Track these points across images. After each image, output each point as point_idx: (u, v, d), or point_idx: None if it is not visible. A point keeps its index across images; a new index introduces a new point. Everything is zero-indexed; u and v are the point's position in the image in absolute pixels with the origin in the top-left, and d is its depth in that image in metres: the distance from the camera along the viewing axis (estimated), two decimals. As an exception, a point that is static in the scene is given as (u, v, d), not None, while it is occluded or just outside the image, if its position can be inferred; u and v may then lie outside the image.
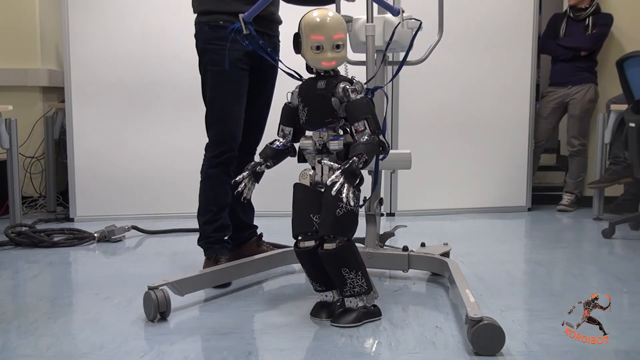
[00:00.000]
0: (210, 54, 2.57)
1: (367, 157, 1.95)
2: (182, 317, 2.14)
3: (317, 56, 2.06)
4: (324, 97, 2.07)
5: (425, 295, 2.43)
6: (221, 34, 2.52)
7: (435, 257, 2.51)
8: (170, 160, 3.97)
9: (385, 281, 2.58)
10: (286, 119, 2.22)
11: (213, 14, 2.56)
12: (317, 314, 2.12)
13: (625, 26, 4.39)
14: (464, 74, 4.10)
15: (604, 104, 4.24)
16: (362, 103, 2.04)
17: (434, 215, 4.08)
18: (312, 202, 2.09)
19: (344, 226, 2.02)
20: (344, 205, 1.97)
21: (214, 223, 2.61)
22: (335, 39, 2.05)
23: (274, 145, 2.23)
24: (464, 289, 2.05)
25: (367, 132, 2.01)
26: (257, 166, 2.20)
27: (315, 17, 2.07)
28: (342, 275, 2.02)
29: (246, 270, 2.52)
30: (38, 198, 4.35)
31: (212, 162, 2.60)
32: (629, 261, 3.01)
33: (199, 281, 2.31)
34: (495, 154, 4.24)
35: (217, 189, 2.61)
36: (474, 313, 1.81)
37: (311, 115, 2.11)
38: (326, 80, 2.09)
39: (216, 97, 2.60)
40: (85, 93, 3.90)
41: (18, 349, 1.86)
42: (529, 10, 4.17)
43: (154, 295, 2.08)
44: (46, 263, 2.92)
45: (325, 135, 2.11)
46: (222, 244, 2.64)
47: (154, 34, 3.90)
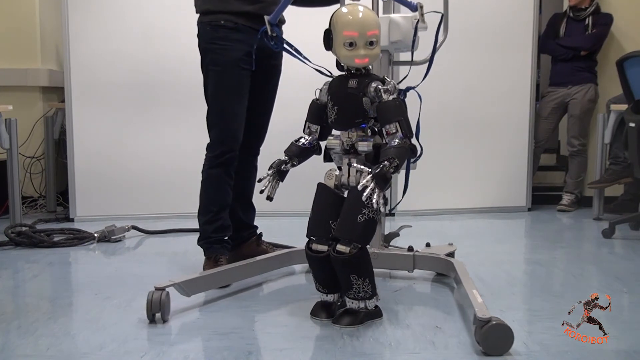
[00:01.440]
0: (212, 54, 2.56)
1: (399, 161, 1.90)
2: (182, 317, 2.13)
3: (350, 53, 2.01)
4: (355, 97, 2.02)
5: (426, 295, 2.43)
6: (222, 34, 2.52)
7: (440, 258, 2.50)
8: (170, 160, 3.97)
9: (386, 281, 2.58)
10: (313, 117, 2.16)
11: (214, 13, 2.55)
12: (317, 313, 2.11)
13: (625, 26, 4.39)
14: (464, 74, 4.10)
15: (604, 104, 4.24)
16: (394, 104, 1.98)
17: (434, 215, 4.08)
18: (333, 208, 2.04)
19: (363, 233, 1.99)
20: (367, 212, 1.94)
21: (214, 223, 2.61)
22: (369, 35, 2.00)
23: (300, 142, 2.18)
24: (471, 289, 2.05)
25: (398, 135, 1.96)
26: (282, 164, 2.15)
27: (348, 12, 2.01)
28: (350, 279, 2.00)
29: (253, 270, 2.52)
30: (38, 198, 4.35)
31: (213, 162, 2.60)
32: (629, 261, 3.01)
33: (205, 282, 2.31)
34: (495, 154, 4.24)
35: (218, 189, 2.60)
36: (482, 313, 1.80)
37: (341, 114, 2.06)
38: (358, 79, 2.03)
39: (217, 96, 2.59)
40: (85, 93, 3.90)
41: (18, 349, 1.86)
42: (529, 10, 4.17)
43: (149, 296, 2.06)
44: (46, 263, 2.92)
45: (354, 136, 2.06)
46: (222, 244, 2.64)
47: (154, 34, 3.90)
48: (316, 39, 2.12)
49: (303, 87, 2.34)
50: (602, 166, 4.02)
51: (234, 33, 2.52)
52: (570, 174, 4.44)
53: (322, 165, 2.21)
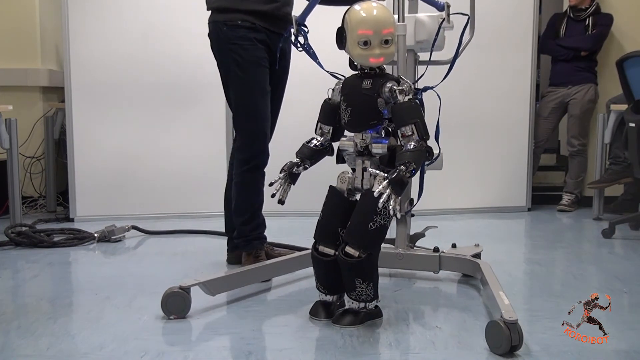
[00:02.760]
0: (234, 54, 2.52)
1: (415, 165, 1.85)
2: (181, 318, 2.13)
3: (365, 52, 1.96)
4: (369, 98, 1.97)
5: (426, 295, 2.43)
6: (241, 33, 2.50)
7: (467, 259, 2.49)
8: (170, 161, 3.96)
9: (386, 280, 2.58)
10: (326, 117, 2.11)
11: (230, 12, 2.52)
12: (316, 313, 2.11)
13: (625, 26, 4.39)
14: (463, 74, 4.08)
15: (604, 104, 4.24)
16: (410, 106, 1.93)
17: (434, 215, 4.07)
18: (343, 214, 2.01)
19: (373, 241, 1.97)
20: (379, 219, 1.92)
21: (251, 222, 2.67)
22: (384, 33, 1.95)
23: (311, 144, 2.13)
24: (498, 290, 2.03)
25: (414, 137, 1.90)
26: (294, 167, 2.11)
27: (362, 10, 1.96)
28: (354, 282, 1.99)
29: (276, 270, 2.54)
30: (38, 198, 4.35)
31: (245, 166, 2.60)
32: (629, 261, 3.01)
33: (230, 281, 2.33)
34: (495, 154, 4.24)
35: (252, 191, 2.64)
36: (509, 315, 1.78)
37: (354, 116, 2.01)
38: (372, 80, 1.98)
39: (244, 97, 2.57)
40: (85, 93, 3.89)
41: (18, 349, 1.86)
42: (529, 10, 4.17)
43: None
44: (46, 263, 2.92)
45: (368, 138, 2.01)
46: (260, 240, 2.71)
47: (154, 34, 3.89)
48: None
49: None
50: (602, 166, 4.02)
51: (252, 32, 2.51)
52: (570, 174, 4.44)
53: (335, 167, 2.17)
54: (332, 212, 2.06)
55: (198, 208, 3.95)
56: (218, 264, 2.85)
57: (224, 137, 3.96)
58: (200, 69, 3.86)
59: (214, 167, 3.93)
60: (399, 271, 2.65)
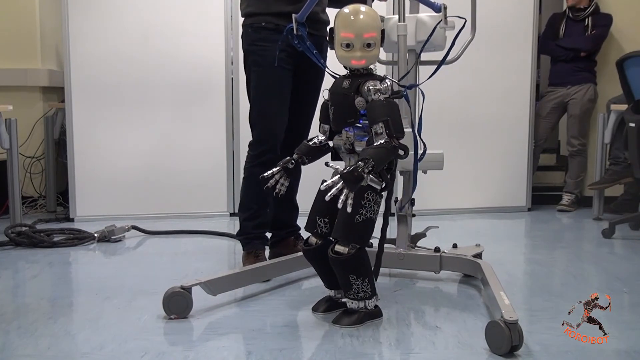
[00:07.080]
0: (254, 55, 2.62)
1: (375, 162, 1.87)
2: (182, 318, 2.13)
3: (347, 54, 2.00)
4: (347, 97, 2.02)
5: (426, 295, 2.43)
6: (263, 35, 2.58)
7: (468, 259, 2.49)
8: (170, 160, 3.96)
9: (386, 280, 2.58)
10: (323, 117, 2.19)
11: (256, 15, 2.61)
12: (316, 307, 2.17)
13: (625, 26, 4.39)
14: (463, 73, 4.10)
15: (603, 104, 4.24)
16: (381, 104, 1.95)
17: (434, 215, 4.07)
18: (323, 204, 2.02)
19: (360, 234, 1.98)
20: (365, 212, 1.94)
21: (254, 220, 2.69)
22: (366, 37, 1.98)
23: (311, 142, 2.21)
24: (499, 291, 2.03)
25: (383, 135, 1.93)
26: (288, 162, 2.18)
27: (346, 13, 2.00)
28: (349, 280, 2.01)
29: (276, 270, 2.54)
30: (38, 198, 4.35)
31: (255, 161, 2.66)
32: (629, 261, 3.02)
33: (231, 281, 2.33)
34: (496, 154, 4.24)
35: (258, 188, 2.62)
36: (510, 315, 1.78)
37: (336, 114, 2.08)
38: (351, 79, 2.03)
39: (258, 96, 2.65)
40: (85, 93, 3.89)
41: (18, 349, 1.86)
42: (529, 10, 4.17)
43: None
44: (46, 263, 2.92)
45: (352, 135, 2.07)
46: (261, 240, 2.73)
47: (154, 34, 3.89)
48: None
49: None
50: (602, 166, 4.02)
51: (274, 34, 2.55)
52: (570, 174, 4.44)
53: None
54: (315, 204, 2.13)
55: (198, 208, 3.95)
56: (218, 264, 2.85)
57: (224, 137, 3.96)
58: (200, 69, 3.87)
59: (214, 167, 3.93)
60: (400, 271, 2.65)
